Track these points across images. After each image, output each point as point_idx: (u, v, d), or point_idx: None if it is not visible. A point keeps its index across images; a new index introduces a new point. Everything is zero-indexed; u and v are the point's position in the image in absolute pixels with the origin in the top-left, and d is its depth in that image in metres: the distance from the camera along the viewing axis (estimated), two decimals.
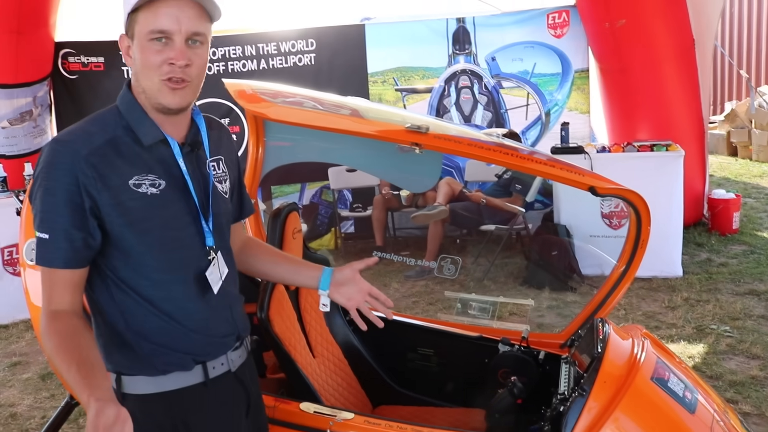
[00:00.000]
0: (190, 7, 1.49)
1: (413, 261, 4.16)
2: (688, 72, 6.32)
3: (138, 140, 1.54)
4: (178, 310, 1.59)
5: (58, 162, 1.46)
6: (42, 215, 1.47)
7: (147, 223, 1.53)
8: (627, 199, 2.37)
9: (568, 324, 2.78)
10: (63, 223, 1.46)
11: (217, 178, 1.69)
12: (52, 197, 1.45)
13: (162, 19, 1.47)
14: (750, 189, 8.87)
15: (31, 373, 4.52)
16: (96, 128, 1.53)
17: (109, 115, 1.57)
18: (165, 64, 1.49)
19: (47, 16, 6.21)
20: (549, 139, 6.95)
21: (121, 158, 1.51)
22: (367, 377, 2.85)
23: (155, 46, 1.48)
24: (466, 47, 7.12)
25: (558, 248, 5.60)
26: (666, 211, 5.39)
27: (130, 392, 1.59)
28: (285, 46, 7.00)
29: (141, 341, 1.56)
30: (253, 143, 2.86)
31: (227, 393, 1.69)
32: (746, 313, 4.69)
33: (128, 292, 1.55)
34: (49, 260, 1.47)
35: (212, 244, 1.63)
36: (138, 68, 1.53)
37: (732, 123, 11.47)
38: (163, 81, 1.50)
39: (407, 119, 2.31)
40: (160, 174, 1.55)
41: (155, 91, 1.52)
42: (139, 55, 1.51)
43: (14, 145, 6.30)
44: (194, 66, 1.52)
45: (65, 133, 1.52)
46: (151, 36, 1.48)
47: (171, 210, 1.57)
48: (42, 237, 1.47)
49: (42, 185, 1.46)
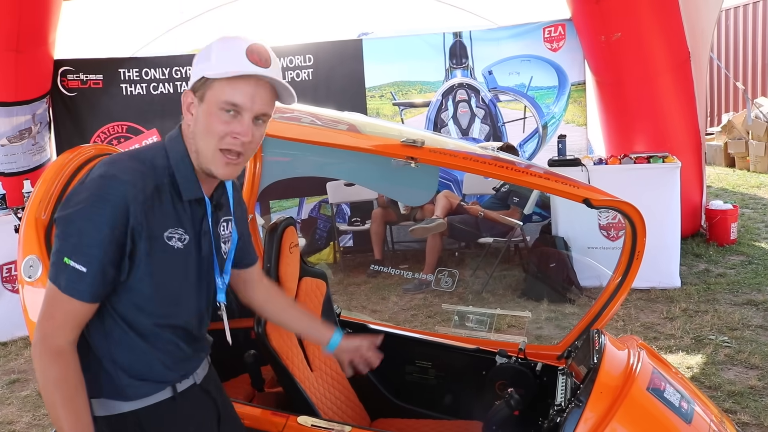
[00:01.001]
0: (266, 90, 1.54)
1: (411, 274, 4.18)
2: (684, 84, 6.36)
3: (179, 193, 1.57)
4: (165, 345, 1.63)
5: (113, 199, 1.44)
6: (83, 248, 1.44)
7: (166, 274, 1.56)
8: (622, 210, 2.38)
9: (565, 336, 2.79)
10: (103, 260, 1.45)
11: (224, 239, 1.74)
12: (98, 233, 1.43)
13: (238, 95, 1.50)
14: (747, 200, 8.89)
15: (29, 390, 4.52)
16: (147, 170, 1.53)
17: (157, 159, 1.57)
18: (229, 136, 1.52)
19: (46, 34, 6.26)
20: (546, 152, 6.98)
21: (162, 209, 1.53)
22: (364, 390, 2.85)
23: (224, 116, 1.51)
24: (463, 61, 7.17)
25: (556, 260, 5.61)
26: (663, 222, 5.42)
27: (100, 415, 1.59)
28: (283, 61, 7.04)
29: (120, 372, 1.58)
30: (251, 158, 2.87)
31: (195, 404, 1.74)
32: (744, 323, 4.70)
33: (120, 324, 1.57)
34: (80, 293, 1.46)
35: (223, 300, 1.72)
36: (199, 130, 1.55)
37: (729, 134, 11.52)
38: (220, 150, 1.53)
39: (403, 134, 2.34)
40: (187, 229, 1.59)
41: (209, 158, 1.55)
42: (204, 118, 1.53)
43: (13, 162, 6.32)
44: (253, 142, 1.56)
45: (120, 169, 1.49)
46: (224, 106, 1.51)
47: (188, 264, 1.61)
48: (77, 268, 1.44)
49: (89, 217, 1.44)
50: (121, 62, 6.88)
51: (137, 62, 6.90)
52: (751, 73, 12.88)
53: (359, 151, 2.38)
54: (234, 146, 1.53)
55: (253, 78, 1.51)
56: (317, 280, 2.84)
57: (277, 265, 2.52)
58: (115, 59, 6.92)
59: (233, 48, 1.51)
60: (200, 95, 1.54)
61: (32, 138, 6.48)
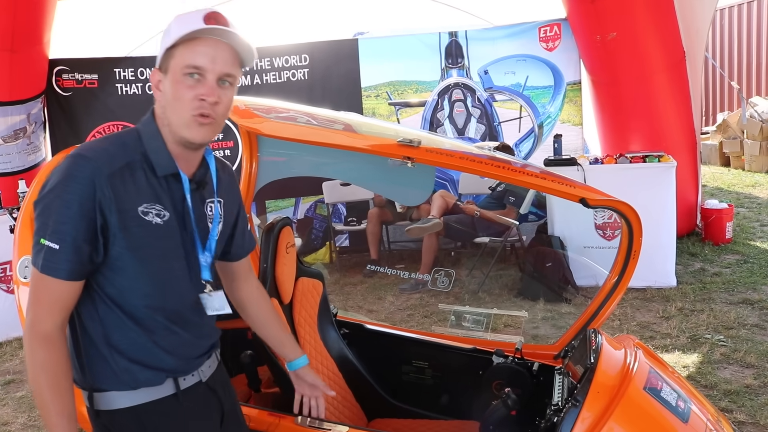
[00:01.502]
0: (226, 50, 1.56)
1: (407, 274, 4.18)
2: (679, 84, 6.37)
3: (152, 169, 1.59)
4: (159, 330, 1.62)
5: (79, 176, 1.48)
6: (54, 225, 1.47)
7: (147, 250, 1.57)
8: (618, 210, 2.39)
9: (561, 335, 2.80)
10: (75, 236, 1.48)
11: (209, 218, 1.73)
12: (68, 209, 1.47)
13: (199, 57, 1.53)
14: (743, 199, 8.92)
15: (25, 391, 4.50)
16: (116, 150, 1.56)
17: (129, 138, 1.61)
18: (196, 99, 1.54)
19: (41, 33, 6.23)
20: (542, 152, 6.99)
21: (135, 184, 1.55)
22: (361, 390, 2.85)
23: (188, 81, 1.54)
24: (459, 61, 7.17)
25: (552, 260, 5.61)
26: (659, 221, 5.43)
27: (102, 408, 1.61)
28: (278, 62, 7.04)
29: (117, 356, 1.59)
30: (247, 158, 2.87)
31: (199, 403, 1.72)
32: (740, 322, 4.71)
33: (112, 308, 1.58)
34: (55, 270, 1.49)
35: (208, 278, 1.69)
36: (167, 101, 1.57)
37: (724, 133, 11.55)
38: (193, 116, 1.55)
39: (399, 133, 2.33)
40: (166, 205, 1.60)
41: (182, 125, 1.56)
42: (170, 88, 1.55)
43: (8, 162, 6.30)
44: (221, 105, 1.57)
45: (87, 149, 1.54)
46: (186, 71, 1.53)
47: (171, 242, 1.62)
48: (51, 246, 1.47)
49: (59, 195, 1.48)
50: (117, 62, 6.86)
51: (132, 62, 6.88)
52: (746, 72, 12.92)
53: (356, 151, 2.38)
54: (203, 109, 1.55)
55: (212, 40, 1.54)
56: (314, 280, 2.84)
57: (274, 265, 2.52)
58: (111, 59, 6.90)
59: (191, 16, 1.55)
60: (164, 68, 1.57)
61: (27, 138, 6.46)
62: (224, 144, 7.05)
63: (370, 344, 3.00)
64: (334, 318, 2.95)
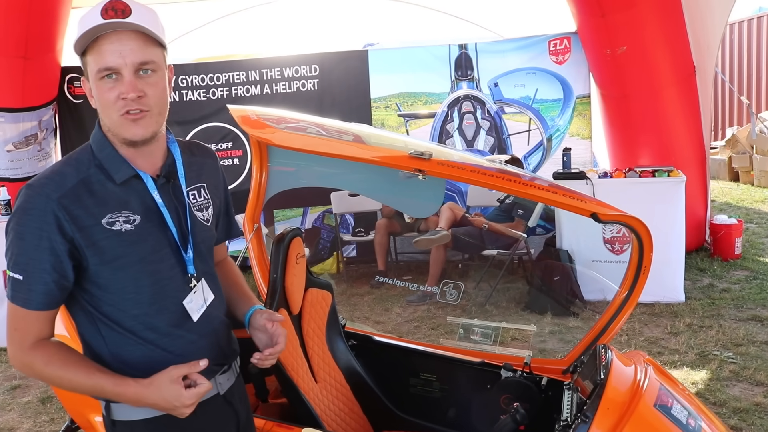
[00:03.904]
0: (132, 39, 1.48)
1: (415, 286, 4.17)
2: (689, 98, 6.36)
3: (110, 178, 1.55)
4: (163, 338, 1.60)
5: (29, 207, 1.48)
6: (15, 258, 1.49)
7: (123, 260, 1.54)
8: (629, 225, 2.37)
9: (570, 350, 2.78)
10: (35, 267, 1.48)
11: (197, 207, 1.70)
12: (22, 241, 1.48)
13: (107, 56, 1.47)
14: (752, 214, 8.87)
15: (30, 396, 4.51)
16: (69, 169, 1.54)
17: (82, 154, 1.58)
18: (119, 99, 1.49)
19: (54, 41, 6.29)
20: (551, 165, 6.98)
21: (94, 198, 1.52)
22: (369, 402, 2.84)
23: (107, 83, 1.49)
24: (469, 73, 7.18)
25: (560, 273, 5.59)
26: (668, 236, 5.40)
27: (119, 419, 1.61)
28: (288, 72, 7.07)
29: (127, 371, 1.56)
30: (257, 168, 2.87)
31: (216, 416, 1.71)
32: (749, 339, 4.67)
33: (112, 326, 1.57)
34: (25, 301, 1.50)
35: (193, 272, 1.65)
36: (99, 107, 1.55)
37: (733, 148, 11.52)
38: (121, 116, 1.50)
39: (409, 145, 2.33)
40: (135, 209, 1.56)
41: (117, 127, 1.53)
42: (96, 94, 1.52)
43: (18, 168, 6.34)
44: (149, 96, 1.52)
45: (39, 177, 1.54)
46: (101, 74, 1.49)
47: (148, 244, 1.58)
48: (15, 277, 1.49)
49: (14, 228, 1.49)
50: None
51: None
52: (756, 87, 12.89)
53: (367, 163, 2.37)
54: (128, 107, 1.49)
55: (115, 33, 1.47)
56: (323, 291, 2.83)
57: (284, 275, 2.52)
58: None
59: (90, 14, 1.48)
60: (87, 76, 1.53)
61: (38, 144, 6.51)
62: (233, 153, 7.08)
63: (377, 356, 2.99)
64: (342, 329, 2.94)
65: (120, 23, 1.46)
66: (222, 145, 7.06)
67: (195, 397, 1.51)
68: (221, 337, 1.74)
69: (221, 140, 7.06)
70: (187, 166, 1.69)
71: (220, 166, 1.86)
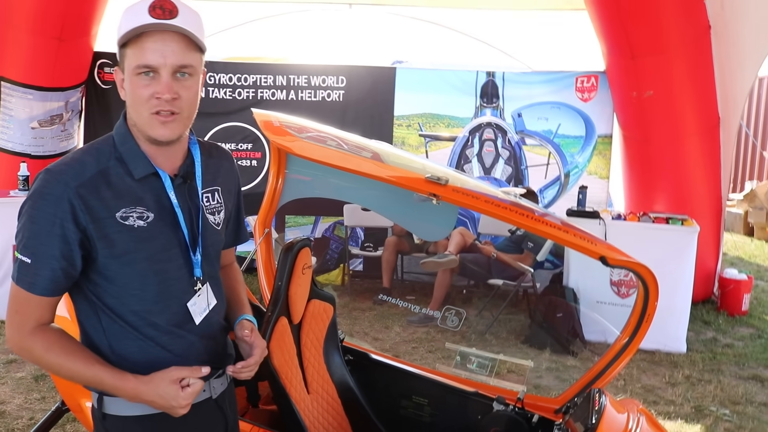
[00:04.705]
0: (176, 41, 1.49)
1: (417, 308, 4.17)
2: (711, 150, 6.34)
3: (129, 172, 1.56)
4: (163, 336, 1.61)
5: (46, 192, 1.48)
6: (26, 240, 1.49)
7: (132, 255, 1.55)
8: (637, 272, 2.37)
9: (565, 389, 2.77)
10: (45, 252, 1.48)
11: (210, 210, 1.71)
12: (35, 225, 1.48)
13: (148, 54, 1.48)
14: (763, 271, 8.80)
15: (25, 372, 4.53)
16: (90, 158, 1.55)
17: (104, 145, 1.59)
18: (152, 98, 1.50)
19: (90, 26, 6.38)
20: (566, 201, 6.97)
21: (111, 190, 1.53)
22: (358, 419, 2.83)
23: (143, 80, 1.50)
24: (494, 101, 7.21)
25: (563, 311, 5.57)
26: (675, 285, 5.37)
27: (111, 413, 1.61)
28: (316, 80, 7.12)
29: (124, 364, 1.57)
30: (274, 173, 2.90)
31: (206, 419, 1.71)
32: (748, 398, 4.62)
33: (113, 318, 1.58)
34: (30, 285, 1.50)
35: (200, 276, 1.66)
36: (129, 101, 1.55)
37: (751, 203, 11.45)
38: (152, 114, 1.51)
39: (426, 168, 2.35)
40: (149, 206, 1.57)
41: (145, 125, 1.54)
42: (129, 89, 1.53)
43: (41, 146, 6.41)
44: (183, 99, 1.53)
45: (58, 163, 1.54)
46: (138, 71, 1.49)
47: (159, 242, 1.58)
48: (23, 260, 1.50)
49: (28, 212, 1.49)
50: None
51: None
52: None
53: (383, 182, 2.39)
54: (161, 107, 1.50)
55: (158, 33, 1.48)
56: (325, 303, 2.84)
57: (288, 284, 2.53)
58: None
59: (137, 8, 1.49)
60: (122, 68, 1.54)
61: (62, 124, 6.58)
62: (252, 154, 7.12)
63: (372, 374, 2.99)
64: (340, 344, 2.95)
65: (167, 25, 1.48)
66: (242, 146, 7.11)
67: (191, 397, 1.53)
68: (219, 341, 1.76)
69: (242, 141, 7.11)
70: (205, 168, 1.71)
71: (236, 169, 1.86)
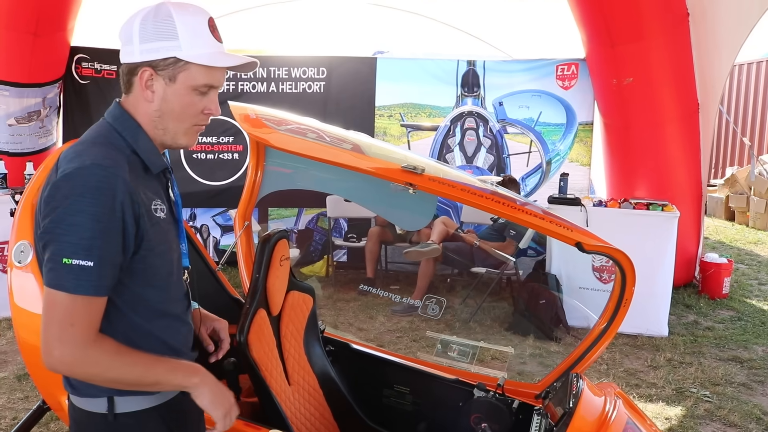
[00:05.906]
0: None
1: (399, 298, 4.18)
2: (690, 135, 6.40)
3: (146, 167, 1.57)
4: (168, 328, 1.61)
5: (105, 187, 1.40)
6: (84, 242, 1.38)
7: (163, 246, 1.56)
8: (613, 257, 2.39)
9: (546, 375, 2.79)
10: (111, 251, 1.41)
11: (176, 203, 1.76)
12: (100, 223, 1.38)
13: (218, 77, 1.58)
14: (743, 255, 8.91)
15: (7, 372, 4.50)
16: (114, 152, 1.50)
17: (112, 138, 1.55)
18: (202, 113, 1.58)
19: (65, 20, 6.31)
20: (548, 188, 7.02)
21: (142, 183, 1.53)
22: (340, 409, 2.85)
23: (197, 96, 1.56)
24: (475, 90, 7.22)
25: (546, 297, 5.61)
26: (657, 270, 5.43)
27: (124, 411, 1.56)
28: (296, 72, 7.09)
29: None
30: (253, 166, 2.89)
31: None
32: (728, 379, 4.69)
33: (127, 314, 1.53)
34: (93, 288, 1.40)
35: (187, 265, 1.71)
36: (169, 110, 1.55)
37: (731, 188, 11.58)
38: (194, 126, 1.59)
39: (406, 159, 2.35)
40: (163, 199, 1.60)
41: (180, 133, 1.59)
42: (176, 99, 1.54)
43: (19, 143, 6.35)
44: None
45: (99, 156, 1.45)
46: (201, 89, 1.55)
47: (172, 234, 1.63)
48: (83, 264, 1.37)
49: (79, 209, 1.38)
50: None
51: None
52: (759, 129, 12.97)
53: (360, 172, 2.39)
54: (205, 122, 1.61)
55: None
56: (305, 294, 2.84)
57: (266, 276, 2.53)
58: None
59: (198, 26, 1.55)
60: (170, 75, 1.52)
61: (40, 121, 6.52)
62: (233, 147, 7.09)
63: (353, 364, 3.00)
64: (321, 334, 2.95)
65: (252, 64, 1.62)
66: (223, 139, 7.08)
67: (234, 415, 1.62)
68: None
69: (222, 134, 7.08)
70: None
71: None
